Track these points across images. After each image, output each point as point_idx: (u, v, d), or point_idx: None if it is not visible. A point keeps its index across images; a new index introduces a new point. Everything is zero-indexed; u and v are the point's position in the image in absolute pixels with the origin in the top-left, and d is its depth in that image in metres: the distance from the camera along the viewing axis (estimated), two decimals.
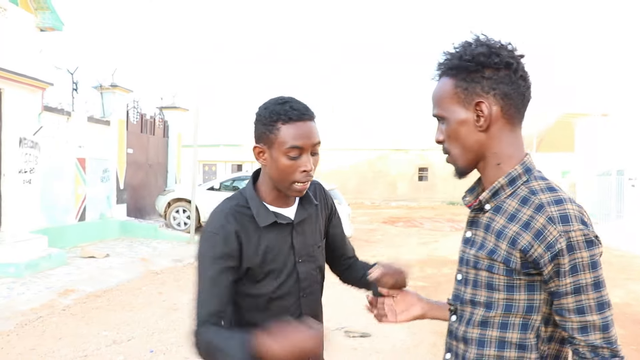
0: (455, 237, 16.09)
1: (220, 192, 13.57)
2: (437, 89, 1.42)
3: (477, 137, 1.36)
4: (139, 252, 10.74)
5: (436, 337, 5.86)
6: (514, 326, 1.32)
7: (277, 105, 1.62)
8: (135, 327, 5.94)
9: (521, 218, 1.28)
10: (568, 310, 1.25)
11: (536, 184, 1.32)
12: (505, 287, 1.31)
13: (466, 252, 1.43)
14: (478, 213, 1.42)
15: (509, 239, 1.29)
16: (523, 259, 1.27)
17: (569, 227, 1.22)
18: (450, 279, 9.22)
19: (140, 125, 14.60)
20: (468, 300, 1.40)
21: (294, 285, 1.71)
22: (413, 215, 24.66)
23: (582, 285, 1.23)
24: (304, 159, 1.61)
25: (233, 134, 35.62)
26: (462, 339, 1.40)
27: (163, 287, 7.91)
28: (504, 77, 1.32)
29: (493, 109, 1.33)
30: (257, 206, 1.68)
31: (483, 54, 1.32)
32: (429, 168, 33.12)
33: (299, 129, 1.60)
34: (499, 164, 1.37)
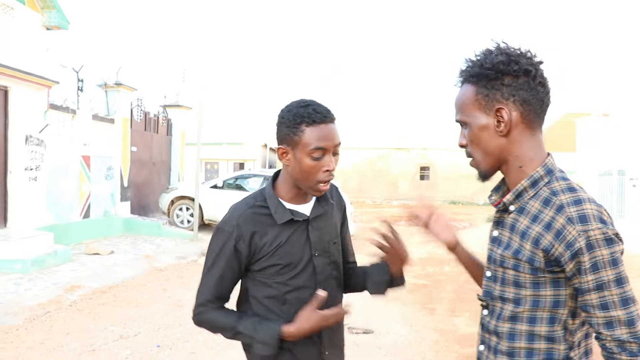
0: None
1: (224, 190, 13.65)
2: (459, 95, 1.50)
3: (498, 142, 1.43)
4: (142, 249, 10.84)
5: (438, 334, 5.95)
6: (542, 320, 1.38)
7: (300, 108, 1.70)
8: (141, 322, 6.03)
9: (543, 219, 1.35)
10: (592, 306, 1.30)
11: (557, 185, 1.38)
12: (532, 284, 1.37)
13: (494, 251, 1.49)
14: (503, 214, 1.49)
15: (532, 239, 1.35)
16: (546, 258, 1.33)
17: (588, 226, 1.27)
18: (451, 278, 9.32)
19: (144, 124, 14.67)
20: (497, 296, 1.46)
21: (310, 278, 1.78)
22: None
23: (604, 282, 1.27)
24: (327, 159, 1.70)
25: (235, 132, 35.66)
26: (494, 333, 1.47)
27: (167, 284, 8.01)
28: (523, 83, 1.39)
29: (513, 114, 1.40)
30: (275, 205, 1.76)
31: (502, 62, 1.38)
32: (430, 167, 33.19)
33: (322, 131, 1.68)
34: (521, 167, 1.43)
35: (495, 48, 1.42)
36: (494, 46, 1.43)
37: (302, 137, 1.68)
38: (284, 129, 1.73)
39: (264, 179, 13.65)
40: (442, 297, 7.81)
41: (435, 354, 5.32)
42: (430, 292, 8.11)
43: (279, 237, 1.75)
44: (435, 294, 8.01)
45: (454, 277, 9.43)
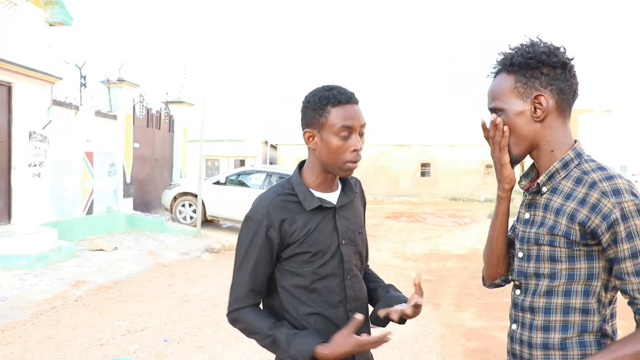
0: (458, 233, 16.20)
1: (226, 186, 13.65)
2: (495, 83, 1.58)
3: (533, 127, 1.53)
4: (146, 245, 10.85)
5: (444, 328, 5.97)
6: (576, 293, 1.47)
7: (325, 91, 1.74)
8: (148, 317, 6.05)
9: (577, 196, 1.45)
10: (627, 273, 1.39)
11: (587, 166, 1.48)
12: (567, 257, 1.46)
13: (527, 232, 1.57)
14: (535, 196, 1.58)
15: (567, 214, 1.45)
16: (582, 231, 1.42)
17: (621, 198, 1.38)
18: (454, 273, 9.35)
19: (146, 120, 14.68)
20: (532, 273, 1.54)
21: (338, 266, 1.79)
22: (416, 210, 24.74)
23: (638, 249, 1.37)
24: (354, 138, 1.72)
25: (236, 129, 35.67)
26: (529, 309, 1.55)
27: (172, 279, 8.02)
28: (560, 74, 1.50)
29: (549, 102, 1.50)
30: (303, 192, 1.78)
31: (545, 53, 1.49)
32: (431, 164, 33.18)
33: (348, 111, 1.71)
34: (552, 151, 1.54)
35: (536, 41, 1.53)
36: (532, 40, 1.54)
37: (329, 118, 1.71)
38: (309, 113, 1.75)
39: (266, 175, 13.65)
40: (446, 292, 7.83)
41: (442, 347, 5.34)
42: (435, 287, 8.13)
43: (308, 224, 1.76)
44: (439, 289, 8.02)
45: (457, 273, 9.45)
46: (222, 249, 10.90)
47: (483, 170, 32.58)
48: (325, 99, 1.71)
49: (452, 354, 5.17)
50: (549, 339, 1.50)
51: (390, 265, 10.07)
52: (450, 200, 31.42)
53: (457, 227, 18.03)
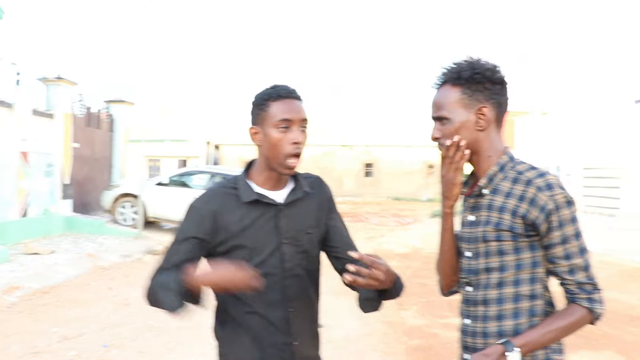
0: (401, 232, 16.43)
1: (169, 187, 13.42)
2: (441, 94, 1.73)
3: (475, 135, 1.70)
4: (85, 248, 10.55)
5: (387, 327, 6.06)
6: (524, 281, 1.64)
7: (268, 89, 1.82)
8: (87, 322, 5.89)
9: (516, 193, 1.63)
10: (558, 257, 1.61)
11: (520, 167, 1.68)
12: (513, 250, 1.63)
13: (473, 232, 1.72)
14: (478, 198, 1.73)
15: (510, 211, 1.62)
16: (524, 224, 1.60)
17: (554, 192, 1.58)
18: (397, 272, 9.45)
19: (86, 119, 14.29)
20: (483, 269, 1.69)
21: (277, 265, 1.79)
22: (359, 210, 24.97)
23: (567, 236, 1.59)
24: (294, 131, 1.77)
25: (178, 129, 35.11)
26: (482, 302, 1.69)
27: (113, 283, 7.84)
28: (499, 90, 1.70)
29: (491, 113, 1.69)
30: (243, 185, 1.82)
31: (490, 70, 1.69)
32: (374, 164, 33.55)
33: (287, 104, 1.78)
34: (489, 156, 1.72)
35: (480, 58, 1.72)
36: (476, 57, 1.72)
37: (269, 112, 1.77)
38: (254, 109, 1.83)
39: (210, 175, 13.51)
40: None
41: (385, 346, 5.42)
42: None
43: (245, 218, 1.78)
44: None
45: (400, 272, 9.47)
46: (164, 251, 10.71)
47: (425, 171, 33.18)
48: (267, 94, 1.79)
49: (395, 352, 5.25)
50: (503, 327, 1.65)
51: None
52: (393, 200, 31.84)
53: (399, 227, 18.29)
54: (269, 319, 1.79)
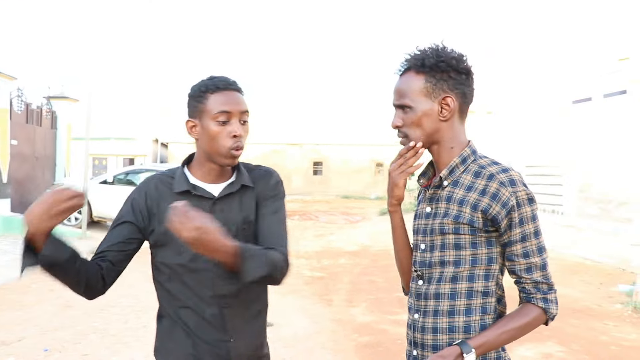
0: (350, 230, 16.54)
1: (114, 186, 13.13)
2: (404, 82, 1.67)
3: (438, 125, 1.64)
4: None
5: (336, 324, 6.06)
6: (479, 277, 1.61)
7: (205, 80, 1.75)
8: (27, 326, 5.67)
9: (477, 187, 1.59)
10: (517, 255, 1.58)
11: (483, 161, 1.64)
12: (471, 244, 1.60)
13: (429, 224, 1.67)
14: (437, 190, 1.68)
15: (470, 204, 1.58)
16: (484, 219, 1.57)
17: (516, 188, 1.55)
18: (346, 270, 9.52)
19: (25, 115, 13.79)
20: (437, 262, 1.64)
21: (210, 261, 1.64)
22: (308, 208, 25.01)
23: (526, 234, 1.56)
24: (233, 124, 1.70)
25: (125, 127, 34.42)
26: (434, 296, 1.64)
27: (54, 285, 7.42)
28: (465, 80, 1.64)
29: (455, 104, 1.63)
30: (178, 176, 1.77)
31: (455, 59, 1.62)
32: (323, 162, 33.70)
33: (226, 96, 1.71)
34: (452, 148, 1.67)
35: (446, 46, 1.65)
36: (443, 45, 1.65)
37: (207, 104, 1.70)
38: (191, 102, 1.76)
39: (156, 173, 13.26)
40: (338, 289, 7.95)
41: (335, 344, 5.41)
42: (327, 284, 8.24)
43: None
44: (331, 286, 8.13)
45: (349, 269, 9.64)
46: None
47: (374, 169, 33.52)
48: (204, 86, 1.72)
49: (344, 350, 5.25)
50: (454, 323, 1.61)
51: None
52: (342, 198, 32.02)
53: (349, 225, 18.41)
54: (203, 315, 1.72)
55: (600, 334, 5.90)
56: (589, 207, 13.76)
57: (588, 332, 5.95)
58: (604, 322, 6.33)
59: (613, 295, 7.65)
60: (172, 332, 1.76)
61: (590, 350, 5.33)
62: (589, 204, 13.79)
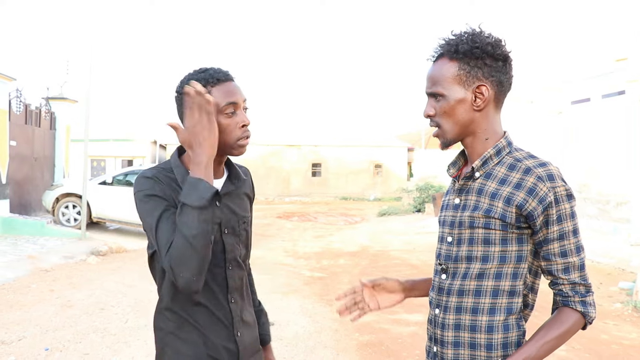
0: (349, 231, 16.52)
1: (113, 187, 13.11)
2: (437, 69, 1.59)
3: (472, 115, 1.56)
4: (25, 249, 10.16)
5: (337, 324, 6.06)
6: (506, 275, 1.53)
7: (200, 73, 1.69)
8: (27, 325, 5.66)
9: (512, 181, 1.51)
10: (554, 254, 1.50)
11: (518, 154, 1.56)
12: (500, 240, 1.52)
13: (458, 216, 1.60)
14: (467, 181, 1.61)
15: (503, 198, 1.50)
16: (517, 214, 1.49)
17: (555, 183, 1.47)
18: (346, 270, 9.52)
19: (24, 116, 13.78)
20: (464, 257, 1.57)
21: (220, 256, 1.71)
22: (307, 210, 24.99)
23: (565, 232, 1.48)
24: (240, 114, 1.69)
25: (124, 128, 34.39)
26: (457, 292, 1.57)
27: (55, 285, 7.57)
28: (501, 67, 1.55)
29: (490, 92, 1.55)
30: (181, 174, 1.68)
31: (490, 44, 1.53)
32: (322, 164, 33.65)
33: (229, 87, 1.68)
34: (487, 139, 1.59)
35: (483, 31, 1.56)
36: (479, 30, 1.56)
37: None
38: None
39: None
40: (338, 289, 7.94)
41: (336, 342, 5.42)
42: (327, 284, 8.23)
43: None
44: (332, 286, 8.13)
45: (349, 269, 9.64)
46: (109, 251, 10.44)
47: (372, 170, 33.50)
48: (203, 80, 1.66)
49: (345, 348, 5.26)
50: (477, 322, 1.54)
51: (282, 264, 10.10)
52: (341, 200, 32.01)
53: (348, 226, 18.39)
54: (214, 311, 1.71)
55: (600, 332, 5.91)
56: (588, 208, 13.78)
57: (588, 331, 5.92)
58: (605, 321, 6.33)
59: (613, 295, 7.66)
60: (182, 331, 1.70)
61: (591, 349, 5.33)
62: (587, 204, 13.80)
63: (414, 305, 6.88)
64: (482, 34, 1.55)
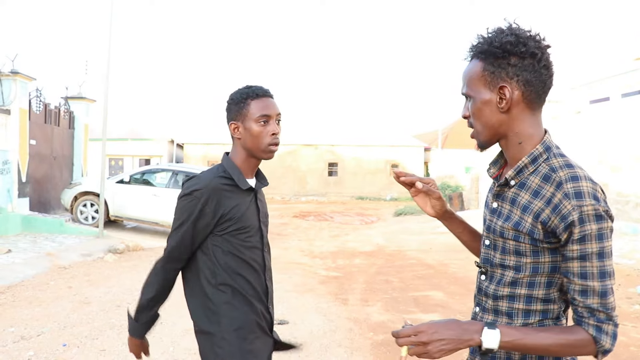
0: (365, 231, 16.51)
1: (130, 185, 13.22)
2: (467, 69, 1.57)
3: (499, 117, 1.51)
4: (44, 247, 10.28)
5: (352, 323, 6.05)
6: (540, 285, 1.50)
7: (245, 88, 2.12)
8: (45, 322, 5.73)
9: (545, 195, 1.45)
10: (573, 273, 1.41)
11: (555, 162, 1.48)
12: (532, 252, 1.48)
13: (493, 222, 1.59)
14: (504, 187, 1.58)
15: (533, 213, 1.46)
16: (544, 230, 1.44)
17: (582, 202, 1.37)
18: (361, 269, 9.51)
19: (44, 116, 13.94)
20: (498, 264, 1.56)
21: (259, 241, 2.15)
22: (323, 209, 25.00)
23: (587, 253, 1.38)
24: (272, 124, 2.10)
25: (142, 128, 34.68)
26: (492, 296, 1.57)
27: (73, 282, 7.65)
28: (528, 65, 1.46)
29: (515, 93, 1.48)
30: (237, 174, 2.10)
31: (510, 43, 1.45)
32: (338, 163, 33.65)
33: (264, 102, 2.10)
34: (520, 143, 1.53)
35: (507, 28, 1.49)
36: (505, 26, 1.50)
37: (249, 109, 2.07)
38: (233, 107, 2.11)
39: (172, 173, 13.33)
40: (354, 288, 7.94)
41: (350, 342, 5.41)
42: (342, 284, 8.23)
43: (241, 204, 2.07)
44: (347, 285, 8.13)
45: (364, 269, 9.62)
46: (126, 249, 10.53)
47: (389, 170, 33.41)
48: (245, 94, 2.09)
49: (360, 348, 5.25)
50: (512, 324, 1.52)
51: (298, 263, 10.11)
52: (357, 200, 31.99)
53: (364, 226, 18.38)
54: (255, 286, 2.10)
55: (619, 334, 5.84)
56: None
57: None
58: (623, 323, 6.26)
59: (632, 297, 7.57)
60: (234, 299, 2.06)
61: None
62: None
63: (429, 306, 6.86)
64: (504, 32, 1.48)
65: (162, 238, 12.64)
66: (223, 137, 33.04)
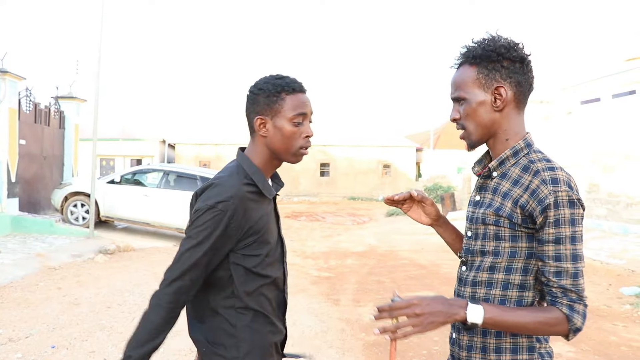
0: (357, 231, 16.50)
1: (121, 186, 13.14)
2: (459, 74, 1.70)
3: (492, 116, 1.65)
4: (33, 248, 10.20)
5: (344, 323, 6.04)
6: (516, 270, 1.61)
7: (277, 79, 1.79)
8: (34, 323, 5.67)
9: (523, 183, 1.58)
10: (548, 256, 1.53)
11: (535, 156, 1.62)
12: (510, 237, 1.60)
13: (476, 212, 1.71)
14: (486, 180, 1.72)
15: (513, 199, 1.59)
16: (522, 215, 1.56)
17: (557, 188, 1.51)
18: (353, 270, 9.50)
19: (34, 115, 13.84)
20: (478, 250, 1.68)
21: (280, 251, 1.90)
22: (315, 209, 25.00)
23: (562, 237, 1.51)
24: (306, 125, 1.81)
25: (133, 128, 34.55)
26: (471, 283, 1.68)
27: (62, 283, 7.59)
28: (518, 68, 1.63)
29: (508, 93, 1.63)
30: (262, 180, 1.80)
31: (504, 47, 1.62)
32: (330, 163, 33.63)
33: (301, 99, 1.80)
34: (507, 140, 1.67)
35: (497, 36, 1.65)
36: (494, 35, 1.66)
37: (284, 105, 1.76)
38: (263, 100, 1.78)
39: (163, 173, 13.26)
40: (345, 289, 7.93)
41: (342, 342, 5.39)
42: (334, 284, 8.21)
43: (265, 214, 1.81)
44: (339, 286, 8.11)
45: (356, 269, 9.61)
46: (116, 250, 10.46)
47: (381, 170, 33.45)
48: (279, 86, 1.76)
49: (351, 348, 5.23)
50: None
51: (289, 263, 10.02)
52: (349, 200, 31.99)
53: (356, 226, 18.37)
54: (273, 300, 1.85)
55: (609, 334, 5.85)
56: (598, 208, 13.68)
57: (597, 332, 5.90)
58: (614, 323, 6.28)
59: (622, 297, 7.59)
60: (255, 322, 1.79)
61: (600, 351, 5.28)
62: (597, 204, 13.71)
63: None
64: (497, 39, 1.64)
65: (153, 238, 12.63)
66: (215, 138, 32.97)
